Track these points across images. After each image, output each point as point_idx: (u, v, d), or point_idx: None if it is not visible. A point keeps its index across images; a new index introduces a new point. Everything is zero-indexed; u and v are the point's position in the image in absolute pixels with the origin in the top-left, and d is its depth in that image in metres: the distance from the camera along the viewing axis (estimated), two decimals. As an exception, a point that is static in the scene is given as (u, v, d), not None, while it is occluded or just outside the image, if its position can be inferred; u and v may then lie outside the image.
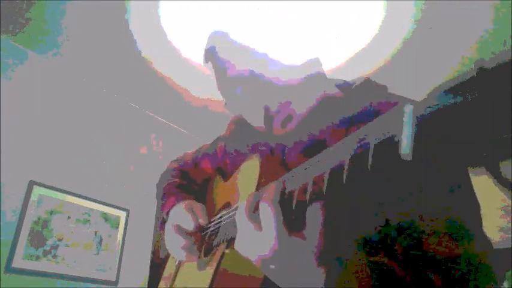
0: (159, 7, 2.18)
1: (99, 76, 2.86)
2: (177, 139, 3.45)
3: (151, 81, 2.88)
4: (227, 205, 0.83)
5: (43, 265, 2.35)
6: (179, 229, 0.85)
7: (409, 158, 0.33)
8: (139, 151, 3.15)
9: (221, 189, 0.92)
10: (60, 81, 2.76)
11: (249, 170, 0.75)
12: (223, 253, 0.70)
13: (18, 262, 2.24)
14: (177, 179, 1.06)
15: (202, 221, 0.83)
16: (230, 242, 0.70)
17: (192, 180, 1.07)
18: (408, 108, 0.36)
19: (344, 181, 0.40)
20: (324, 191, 0.43)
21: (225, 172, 0.92)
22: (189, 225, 0.83)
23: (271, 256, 0.49)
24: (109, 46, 2.54)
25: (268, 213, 0.49)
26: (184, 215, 0.85)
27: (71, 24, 2.36)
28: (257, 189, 0.67)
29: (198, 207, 0.87)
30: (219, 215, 0.82)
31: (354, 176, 0.40)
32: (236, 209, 0.69)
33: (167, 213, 0.94)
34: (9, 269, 2.20)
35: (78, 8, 2.21)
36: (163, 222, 0.97)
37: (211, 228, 0.81)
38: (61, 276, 2.40)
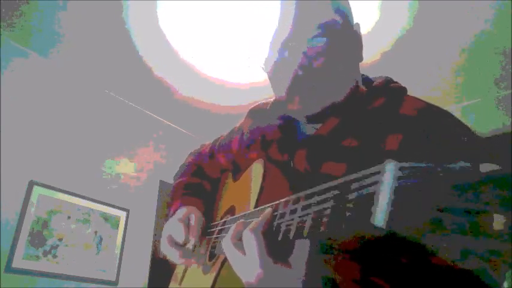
0: (157, 7, 2.18)
1: (100, 76, 2.86)
2: (177, 139, 3.45)
3: (151, 81, 2.88)
4: (232, 209, 0.82)
5: (43, 265, 2.35)
6: (171, 240, 0.84)
7: (384, 228, 0.30)
8: (140, 151, 3.15)
9: (230, 189, 0.91)
10: (61, 81, 2.76)
11: (254, 176, 0.74)
12: (223, 263, 0.70)
13: (18, 262, 2.24)
14: (185, 178, 1.03)
15: (192, 239, 0.82)
16: None
17: (206, 177, 1.04)
18: (389, 166, 0.32)
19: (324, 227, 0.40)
20: (305, 232, 0.44)
21: (239, 167, 0.90)
22: (180, 238, 0.83)
23: (257, 282, 0.50)
24: (109, 46, 2.54)
25: (251, 242, 0.51)
26: (177, 226, 0.84)
27: (72, 25, 2.36)
28: (260, 196, 0.67)
29: (195, 218, 0.85)
30: (223, 220, 0.81)
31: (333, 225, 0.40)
32: (238, 218, 0.69)
33: (173, 214, 0.92)
34: (9, 269, 2.20)
35: (77, 7, 2.21)
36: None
37: (215, 235, 0.80)
38: (61, 276, 2.40)
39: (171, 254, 0.84)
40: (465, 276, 0.49)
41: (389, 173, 0.32)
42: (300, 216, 0.47)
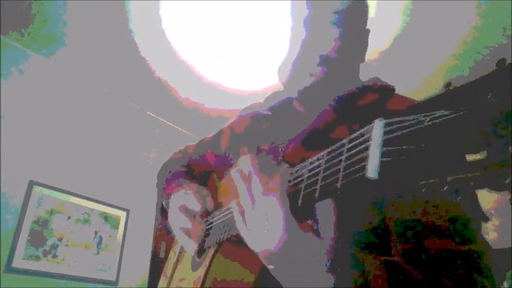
0: (159, 8, 2.18)
1: (99, 76, 2.86)
2: (177, 139, 3.45)
3: (151, 81, 2.88)
4: (218, 206, 0.82)
5: (43, 265, 2.35)
6: (186, 210, 0.81)
7: (375, 179, 0.33)
8: (139, 151, 3.15)
9: (215, 189, 0.90)
10: (60, 81, 2.76)
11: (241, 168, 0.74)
12: (214, 256, 0.69)
13: (18, 262, 2.24)
14: (180, 168, 1.03)
15: (209, 204, 0.80)
16: (221, 244, 0.69)
17: (195, 173, 1.04)
18: (378, 124, 0.35)
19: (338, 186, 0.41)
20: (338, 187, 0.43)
21: (226, 166, 0.90)
22: (196, 206, 0.80)
23: (279, 248, 0.47)
24: (109, 47, 2.54)
25: (275, 204, 0.47)
26: (191, 196, 0.82)
27: (72, 25, 2.36)
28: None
29: (205, 191, 0.84)
30: (211, 215, 0.81)
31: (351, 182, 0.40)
32: (226, 211, 0.69)
33: (168, 197, 0.90)
34: (9, 269, 2.20)
35: (80, 9, 2.21)
36: (163, 209, 0.93)
37: (205, 228, 0.80)
38: (61, 276, 2.40)
39: (184, 228, 0.79)
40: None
41: (377, 129, 0.35)
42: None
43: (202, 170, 1.02)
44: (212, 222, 0.76)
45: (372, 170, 0.33)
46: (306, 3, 0.71)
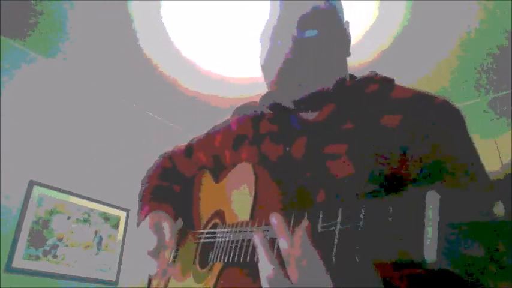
0: (161, 7, 2.18)
1: (99, 76, 2.86)
2: (177, 139, 3.44)
3: (151, 81, 2.88)
4: (219, 214, 0.77)
5: (43, 265, 2.35)
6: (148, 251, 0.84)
7: (435, 263, 0.29)
8: (140, 151, 3.15)
9: (213, 191, 0.86)
10: (60, 81, 2.76)
11: (244, 180, 0.70)
12: (222, 270, 0.66)
13: (18, 262, 2.24)
14: (153, 182, 1.02)
15: (168, 244, 0.82)
16: (228, 265, 0.66)
17: (178, 177, 1.01)
18: (433, 198, 0.30)
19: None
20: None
21: (223, 166, 0.87)
22: (152, 245, 0.82)
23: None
24: (108, 46, 2.54)
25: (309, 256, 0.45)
26: (149, 234, 0.84)
27: (72, 26, 2.36)
28: (254, 205, 0.64)
29: (167, 225, 0.84)
30: (211, 225, 0.78)
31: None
32: (236, 227, 0.65)
33: (142, 220, 0.92)
34: (9, 269, 2.20)
35: (82, 10, 2.21)
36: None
37: (204, 240, 0.77)
38: (61, 276, 2.40)
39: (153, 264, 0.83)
40: None
41: (432, 206, 0.30)
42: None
43: (191, 169, 0.99)
44: (216, 236, 0.72)
45: (431, 254, 0.29)
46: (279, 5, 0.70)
